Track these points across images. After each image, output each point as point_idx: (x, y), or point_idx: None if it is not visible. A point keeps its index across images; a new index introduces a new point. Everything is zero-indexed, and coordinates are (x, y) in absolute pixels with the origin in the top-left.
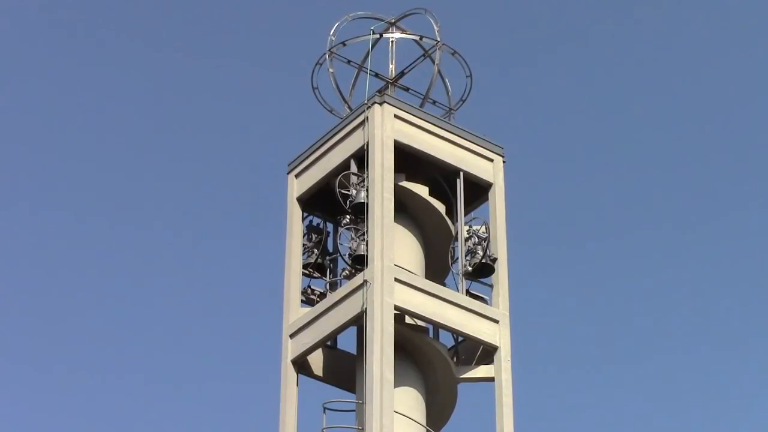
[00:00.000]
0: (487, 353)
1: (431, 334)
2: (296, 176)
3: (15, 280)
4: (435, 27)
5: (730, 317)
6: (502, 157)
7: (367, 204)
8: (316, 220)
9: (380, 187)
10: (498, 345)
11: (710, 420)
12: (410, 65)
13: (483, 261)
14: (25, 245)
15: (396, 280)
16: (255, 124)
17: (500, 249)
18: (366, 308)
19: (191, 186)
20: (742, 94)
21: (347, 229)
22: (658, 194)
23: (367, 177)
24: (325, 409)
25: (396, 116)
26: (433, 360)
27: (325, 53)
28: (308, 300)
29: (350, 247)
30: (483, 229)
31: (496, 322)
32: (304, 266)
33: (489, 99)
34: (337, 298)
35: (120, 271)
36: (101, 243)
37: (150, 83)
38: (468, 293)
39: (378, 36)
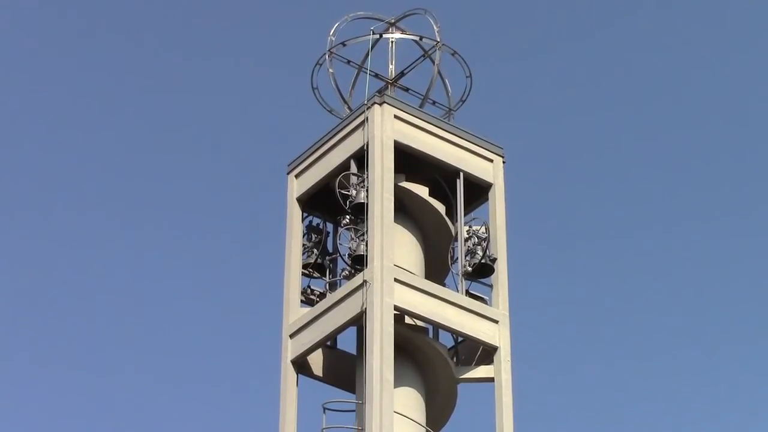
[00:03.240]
0: (486, 353)
1: (431, 335)
2: (296, 176)
3: (15, 280)
4: (435, 27)
5: (732, 317)
6: (502, 157)
7: (367, 204)
8: (316, 221)
9: (380, 187)
10: (498, 345)
11: (712, 420)
12: (410, 66)
13: (483, 261)
14: (26, 245)
15: (396, 280)
16: (255, 124)
17: (500, 249)
18: (366, 308)
19: (191, 186)
20: (744, 94)
21: (347, 229)
22: (658, 194)
23: (367, 177)
24: (324, 409)
25: (396, 116)
26: (432, 360)
27: (324, 53)
28: (308, 300)
29: (350, 248)
30: (483, 229)
31: (496, 322)
32: (304, 266)
33: (489, 99)
34: (336, 298)
35: (120, 271)
36: (100, 243)
37: (149, 82)
38: (468, 293)
39: (378, 36)
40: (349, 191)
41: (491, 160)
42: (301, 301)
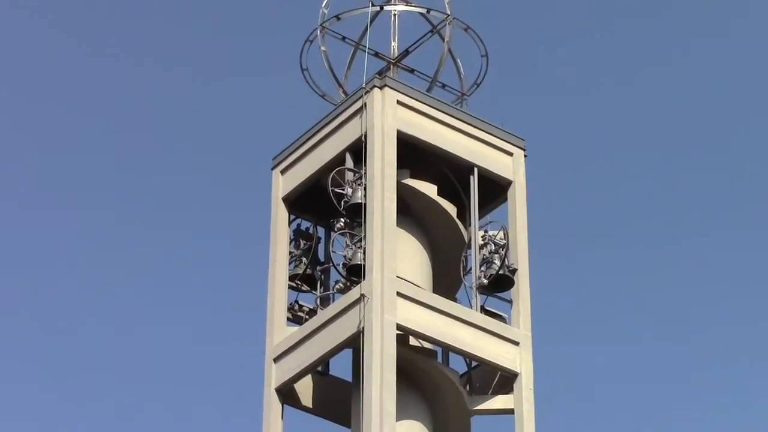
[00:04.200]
0: (505, 381)
1: (440, 359)
2: (282, 172)
3: (14, 280)
4: None
5: None
6: (523, 150)
7: (365, 205)
8: (305, 224)
9: (380, 185)
10: (518, 371)
11: None
12: (416, 43)
13: (501, 272)
14: (23, 245)
15: (398, 294)
16: (235, 112)
17: (521, 258)
18: (363, 327)
19: (173, 185)
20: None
21: (341, 234)
22: (700, 194)
23: (365, 173)
24: None
25: (399, 102)
26: (442, 388)
27: (316, 28)
28: (295, 318)
29: (345, 256)
30: (501, 234)
31: (517, 344)
32: (291, 278)
33: (507, 83)
34: (329, 316)
35: (118, 274)
36: (89, 244)
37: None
38: (483, 310)
39: (378, 8)
40: (344, 190)
41: (511, 154)
42: (288, 318)
